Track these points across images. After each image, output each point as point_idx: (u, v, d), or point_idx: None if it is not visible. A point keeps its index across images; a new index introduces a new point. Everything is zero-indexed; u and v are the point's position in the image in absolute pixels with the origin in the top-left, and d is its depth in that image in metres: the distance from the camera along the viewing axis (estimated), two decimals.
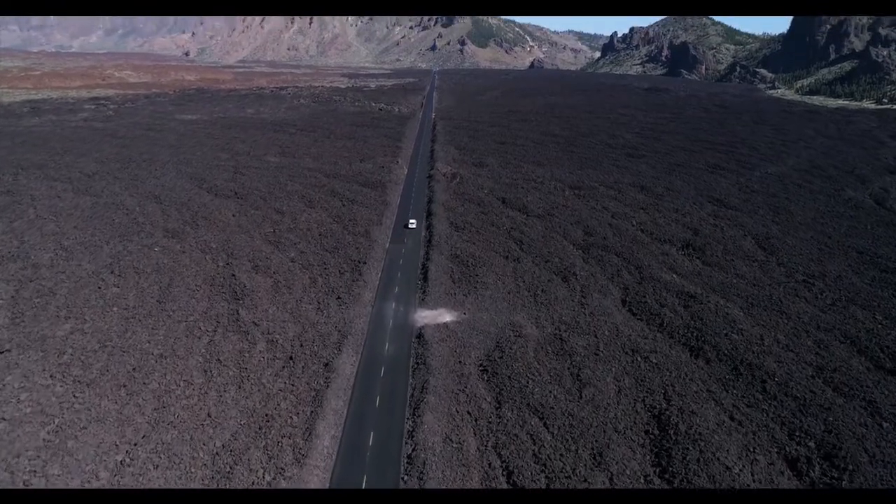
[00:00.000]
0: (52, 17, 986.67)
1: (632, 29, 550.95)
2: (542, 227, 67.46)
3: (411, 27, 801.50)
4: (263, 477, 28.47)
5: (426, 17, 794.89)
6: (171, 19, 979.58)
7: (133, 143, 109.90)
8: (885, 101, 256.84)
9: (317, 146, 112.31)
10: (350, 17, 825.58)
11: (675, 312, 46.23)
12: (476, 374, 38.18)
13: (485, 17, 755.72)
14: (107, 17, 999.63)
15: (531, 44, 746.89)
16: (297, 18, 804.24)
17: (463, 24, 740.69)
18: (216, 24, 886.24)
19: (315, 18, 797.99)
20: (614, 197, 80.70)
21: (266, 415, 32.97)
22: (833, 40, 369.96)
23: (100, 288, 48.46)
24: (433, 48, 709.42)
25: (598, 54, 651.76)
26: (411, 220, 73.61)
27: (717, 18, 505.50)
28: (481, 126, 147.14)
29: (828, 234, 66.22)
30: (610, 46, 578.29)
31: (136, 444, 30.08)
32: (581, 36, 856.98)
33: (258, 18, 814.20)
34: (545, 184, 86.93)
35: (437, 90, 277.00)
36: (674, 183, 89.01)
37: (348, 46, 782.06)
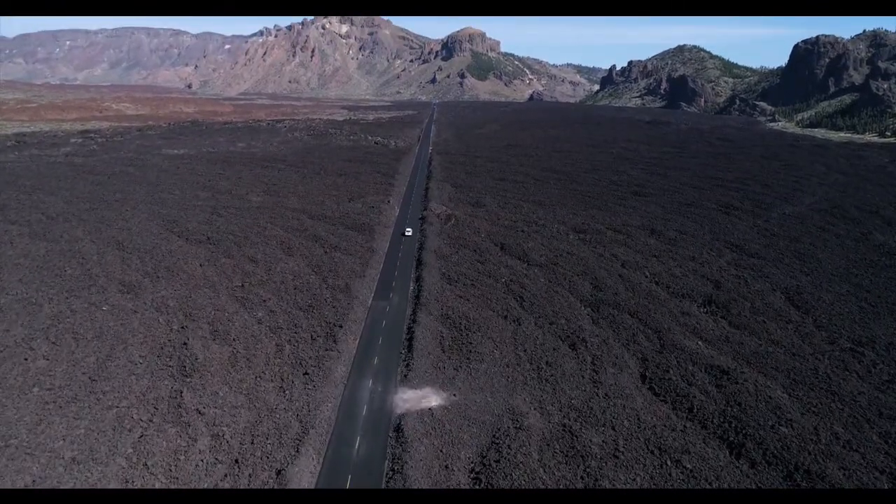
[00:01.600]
0: (57, 50, 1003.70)
1: (630, 62, 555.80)
2: (545, 278, 60.36)
3: (411, 60, 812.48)
4: None
5: (426, 51, 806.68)
6: (175, 52, 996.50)
7: (110, 180, 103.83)
8: (889, 133, 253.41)
9: (305, 183, 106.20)
10: (351, 51, 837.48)
11: (705, 394, 38.66)
12: (466, 484, 30.48)
13: (484, 51, 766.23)
14: (111, 51, 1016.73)
15: (530, 76, 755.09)
16: (298, 52, 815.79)
17: (462, 57, 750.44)
18: (219, 58, 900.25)
19: (317, 52, 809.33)
20: (623, 242, 73.81)
21: None
22: (832, 73, 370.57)
23: (26, 360, 41.04)
24: (433, 81, 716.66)
25: (596, 87, 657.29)
26: (408, 229, 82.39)
27: (714, 52, 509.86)
28: (479, 161, 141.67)
29: (865, 287, 59.02)
30: (608, 79, 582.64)
31: None
32: (579, 69, 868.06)
33: (260, 51, 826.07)
34: (547, 227, 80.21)
35: (435, 123, 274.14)
36: (686, 225, 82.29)
37: (349, 79, 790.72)
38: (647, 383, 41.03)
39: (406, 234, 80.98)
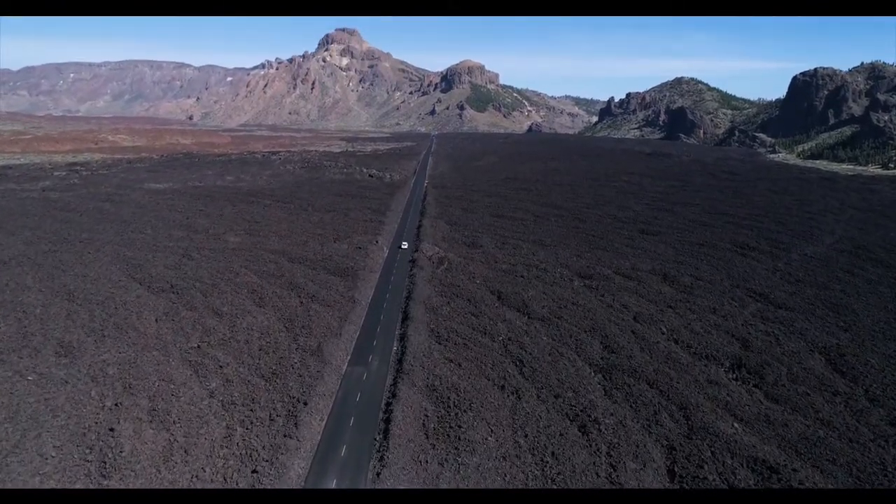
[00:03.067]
0: (61, 83, 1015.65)
1: (628, 94, 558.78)
2: (549, 336, 52.86)
3: (411, 92, 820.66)
4: None
5: (426, 83, 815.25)
6: (177, 85, 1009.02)
7: (81, 217, 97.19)
8: (892, 165, 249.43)
9: (289, 221, 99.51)
10: (351, 83, 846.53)
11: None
12: None
13: (483, 84, 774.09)
14: (115, 83, 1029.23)
15: (529, 108, 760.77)
16: (299, 84, 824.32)
17: (462, 89, 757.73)
18: (220, 90, 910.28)
19: (317, 84, 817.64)
20: (634, 290, 66.51)
21: None
22: (831, 105, 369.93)
23: None
24: (432, 112, 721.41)
25: (594, 118, 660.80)
26: (404, 243, 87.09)
27: (712, 84, 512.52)
28: (477, 196, 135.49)
29: None
30: (607, 111, 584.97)
31: None
32: (578, 101, 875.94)
33: (261, 84, 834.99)
34: (549, 271, 73.01)
35: (433, 155, 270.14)
36: (701, 269, 75.13)
37: (349, 111, 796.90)
38: (677, 481, 33.22)
39: (402, 247, 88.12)
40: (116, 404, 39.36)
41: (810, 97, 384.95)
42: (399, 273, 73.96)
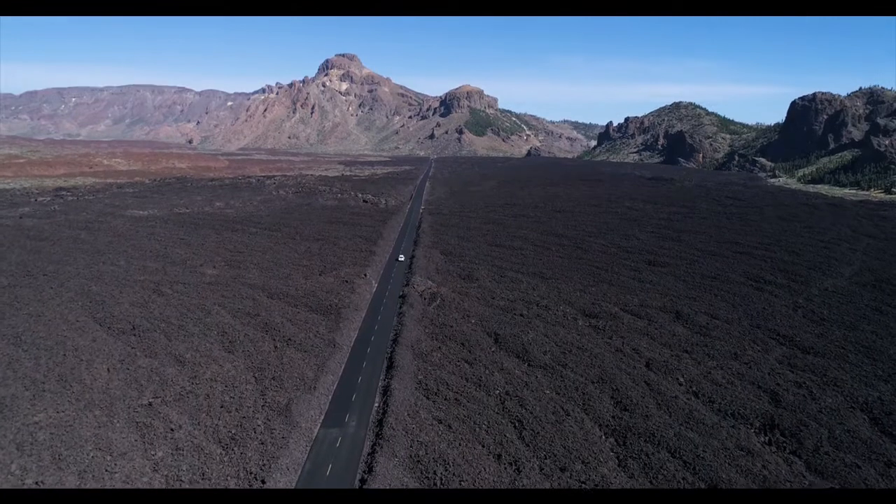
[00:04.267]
0: (62, 107, 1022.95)
1: (627, 118, 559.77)
2: (553, 388, 46.63)
3: (410, 117, 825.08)
4: None
5: (425, 107, 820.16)
6: (178, 109, 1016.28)
7: (52, 246, 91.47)
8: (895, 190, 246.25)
9: (274, 251, 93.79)
10: (350, 108, 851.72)
11: None
12: None
13: (482, 108, 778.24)
14: (116, 107, 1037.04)
15: (527, 132, 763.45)
16: (298, 108, 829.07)
17: (460, 113, 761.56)
18: (220, 114, 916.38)
19: (317, 108, 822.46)
20: (644, 331, 60.42)
21: None
22: (831, 130, 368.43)
23: None
24: (431, 136, 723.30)
25: (593, 142, 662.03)
26: (401, 255, 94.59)
27: (710, 109, 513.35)
28: (474, 223, 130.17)
29: None
30: (606, 135, 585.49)
31: None
32: (576, 125, 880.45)
33: (261, 108, 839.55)
34: (551, 309, 66.98)
35: (430, 179, 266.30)
36: (716, 306, 69.12)
37: (348, 135, 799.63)
38: None
39: (399, 259, 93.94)
40: (37, 483, 32.96)
41: (810, 121, 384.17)
42: (387, 314, 67.67)
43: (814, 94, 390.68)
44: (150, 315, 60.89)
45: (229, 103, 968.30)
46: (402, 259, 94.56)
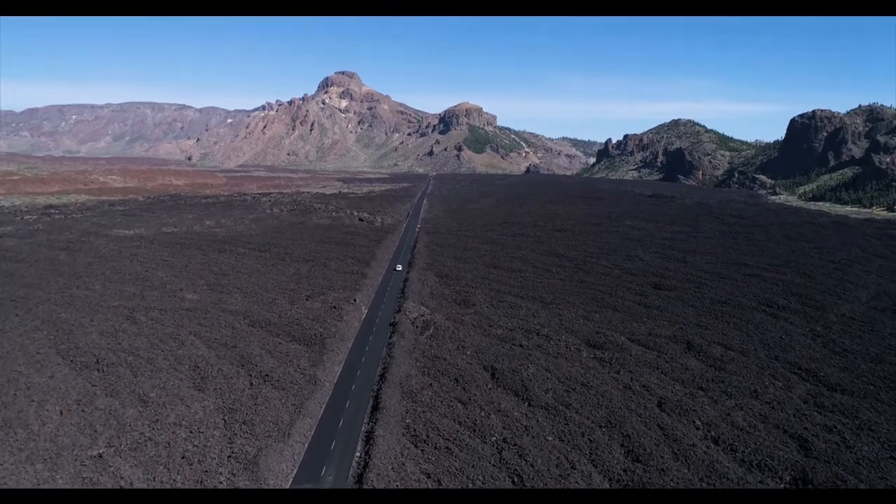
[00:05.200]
0: (63, 124, 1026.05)
1: (626, 135, 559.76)
2: (555, 434, 41.80)
3: (409, 134, 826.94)
4: None
5: (424, 125, 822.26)
6: (178, 126, 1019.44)
7: (27, 269, 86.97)
8: None
9: (260, 273, 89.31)
10: (350, 125, 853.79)
11: None
12: None
13: (481, 125, 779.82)
14: (116, 125, 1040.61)
15: (526, 149, 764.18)
16: (297, 125, 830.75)
17: (459, 130, 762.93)
18: (220, 131, 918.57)
19: (316, 126, 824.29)
20: (653, 363, 55.71)
21: None
22: (831, 147, 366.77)
23: None
24: (430, 153, 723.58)
25: (592, 160, 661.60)
26: (398, 265, 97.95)
27: (709, 126, 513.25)
28: (471, 242, 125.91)
29: None
30: (605, 152, 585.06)
31: None
32: (575, 142, 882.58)
33: (261, 125, 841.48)
34: (552, 338, 62.30)
35: (428, 196, 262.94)
36: (729, 335, 64.46)
37: (347, 151, 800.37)
38: None
39: (396, 269, 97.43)
40: None
41: (809, 139, 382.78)
42: (375, 344, 62.81)
43: (813, 112, 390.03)
44: (119, 346, 56.16)
45: (229, 120, 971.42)
46: (400, 269, 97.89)
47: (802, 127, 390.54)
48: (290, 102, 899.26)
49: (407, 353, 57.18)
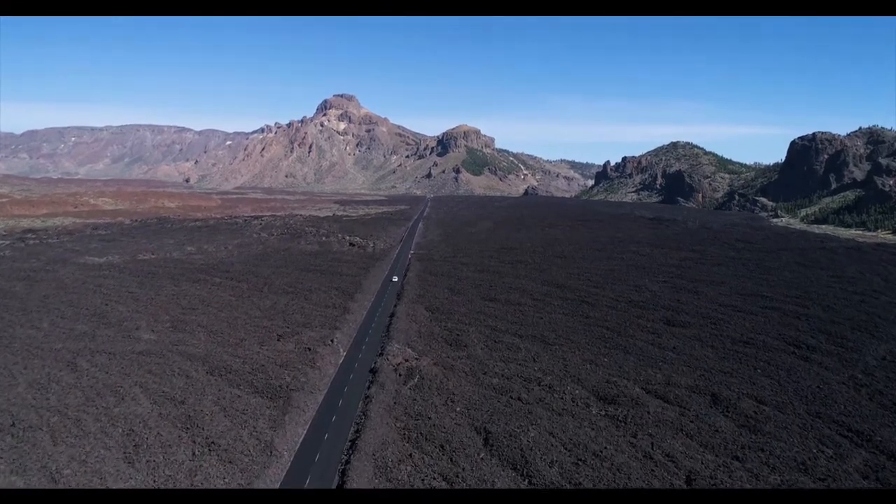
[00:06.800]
0: (62, 146, 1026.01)
1: (624, 158, 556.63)
2: None
3: (407, 156, 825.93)
4: None
5: (422, 147, 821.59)
6: (177, 148, 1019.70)
7: None
8: None
9: (232, 308, 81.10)
10: (348, 147, 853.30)
11: None
12: None
13: (479, 147, 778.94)
14: (115, 147, 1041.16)
15: (525, 172, 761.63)
16: (296, 147, 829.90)
17: (457, 153, 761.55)
18: (219, 153, 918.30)
19: (314, 148, 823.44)
20: (676, 424, 47.23)
21: None
22: (832, 169, 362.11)
23: None
24: (429, 176, 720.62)
25: (590, 182, 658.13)
26: (394, 277, 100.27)
27: (707, 149, 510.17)
28: (466, 271, 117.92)
29: None
30: (603, 174, 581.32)
31: None
32: (573, 164, 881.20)
33: (259, 147, 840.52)
34: (556, 389, 53.91)
35: (424, 220, 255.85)
36: (759, 384, 56.09)
37: (345, 174, 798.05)
38: None
39: (393, 280, 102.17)
40: None
41: (810, 161, 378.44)
42: (350, 398, 54.22)
43: (813, 134, 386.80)
44: (45, 403, 47.67)
45: (228, 142, 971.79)
46: (396, 280, 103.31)
47: (803, 149, 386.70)
48: (289, 125, 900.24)
49: (386, 411, 48.67)
